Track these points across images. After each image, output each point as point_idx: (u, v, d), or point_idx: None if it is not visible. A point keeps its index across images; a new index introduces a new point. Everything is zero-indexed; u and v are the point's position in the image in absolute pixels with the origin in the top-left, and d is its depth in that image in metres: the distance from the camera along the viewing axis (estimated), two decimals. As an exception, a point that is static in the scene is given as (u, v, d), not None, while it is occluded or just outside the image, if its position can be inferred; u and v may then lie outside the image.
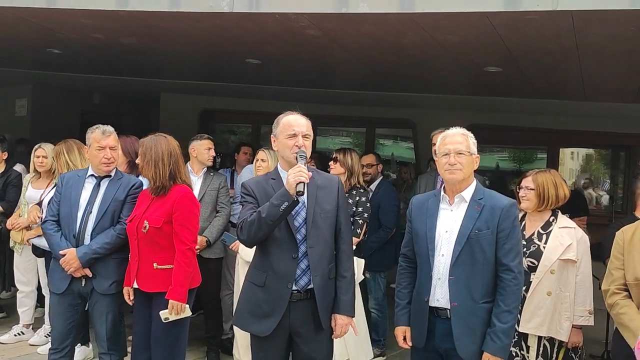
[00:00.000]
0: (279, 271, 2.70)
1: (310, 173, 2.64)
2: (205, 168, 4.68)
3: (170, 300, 3.15)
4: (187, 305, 3.21)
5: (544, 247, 3.26)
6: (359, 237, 4.34)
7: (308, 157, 2.74)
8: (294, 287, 2.70)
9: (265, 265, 2.74)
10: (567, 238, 3.28)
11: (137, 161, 3.37)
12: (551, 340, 3.25)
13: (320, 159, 6.04)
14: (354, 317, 2.83)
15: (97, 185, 3.47)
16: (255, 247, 2.83)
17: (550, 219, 3.35)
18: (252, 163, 5.61)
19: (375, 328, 4.83)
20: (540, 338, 3.25)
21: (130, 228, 3.28)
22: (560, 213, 3.40)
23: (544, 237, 3.30)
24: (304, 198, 2.71)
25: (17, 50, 5.84)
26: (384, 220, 4.83)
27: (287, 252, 2.69)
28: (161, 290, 3.20)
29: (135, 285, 3.27)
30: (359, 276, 3.89)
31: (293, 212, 2.69)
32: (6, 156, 5.21)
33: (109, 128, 3.52)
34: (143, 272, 3.23)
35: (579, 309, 3.26)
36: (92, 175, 3.50)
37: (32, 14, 4.24)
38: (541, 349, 3.25)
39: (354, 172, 4.44)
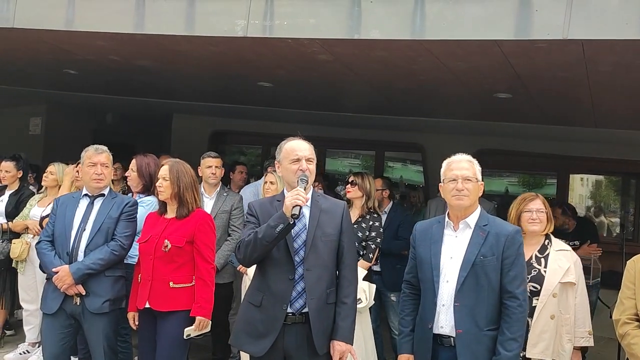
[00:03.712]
0: (275, 292, 2.71)
1: (308, 197, 2.66)
2: (219, 188, 4.66)
3: (198, 317, 3.21)
4: (210, 321, 3.29)
5: (545, 271, 3.26)
6: (370, 262, 4.32)
7: (312, 180, 2.77)
8: (289, 310, 2.70)
9: (262, 286, 2.76)
10: (565, 261, 3.30)
11: (157, 184, 3.36)
12: None
13: (328, 181, 6.03)
14: (352, 344, 2.77)
15: (91, 204, 3.52)
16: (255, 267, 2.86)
17: (546, 243, 3.36)
18: (247, 182, 5.67)
19: None
20: None
21: (145, 248, 3.30)
22: (552, 236, 3.43)
23: (543, 260, 3.29)
24: (306, 220, 2.74)
25: (34, 70, 5.95)
26: (403, 233, 4.78)
27: (284, 273, 2.71)
28: (174, 309, 3.22)
29: (147, 305, 3.27)
30: (370, 301, 3.86)
31: (293, 234, 2.71)
32: (21, 174, 5.28)
33: (102, 147, 3.60)
34: (157, 292, 3.25)
35: (580, 331, 3.29)
36: (86, 195, 3.55)
37: (51, 35, 4.34)
38: None
39: (370, 196, 4.43)
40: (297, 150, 2.75)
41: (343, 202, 2.96)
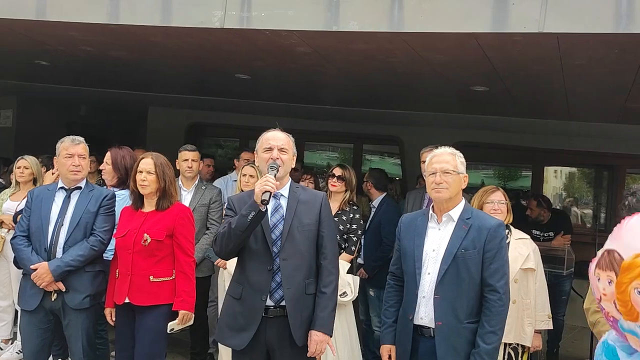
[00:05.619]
0: (254, 283, 2.71)
1: (278, 182, 2.67)
2: (197, 181, 4.63)
3: (181, 311, 3.20)
4: (193, 314, 3.28)
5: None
6: (353, 255, 4.33)
7: (286, 170, 2.78)
8: (269, 301, 2.70)
9: (242, 278, 2.77)
10: (524, 248, 3.49)
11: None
12: (515, 348, 3.42)
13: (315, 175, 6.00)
14: (331, 335, 2.77)
15: (68, 197, 3.43)
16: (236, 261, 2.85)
17: (506, 232, 3.46)
18: (212, 175, 5.66)
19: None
20: (505, 346, 3.36)
21: (123, 243, 3.25)
22: (512, 226, 3.57)
23: None
24: (284, 212, 2.75)
25: (4, 61, 5.80)
26: (385, 236, 4.73)
27: (262, 265, 2.71)
28: (154, 304, 3.19)
29: (127, 300, 3.23)
30: (354, 294, 3.88)
31: (271, 225, 2.72)
32: (-7, 168, 5.16)
33: (79, 137, 3.52)
34: (137, 287, 3.21)
35: (540, 314, 3.49)
36: (62, 187, 3.46)
37: (21, 25, 4.23)
38: (506, 356, 3.38)
39: (353, 189, 4.46)
40: (270, 140, 2.78)
41: (322, 193, 2.97)
